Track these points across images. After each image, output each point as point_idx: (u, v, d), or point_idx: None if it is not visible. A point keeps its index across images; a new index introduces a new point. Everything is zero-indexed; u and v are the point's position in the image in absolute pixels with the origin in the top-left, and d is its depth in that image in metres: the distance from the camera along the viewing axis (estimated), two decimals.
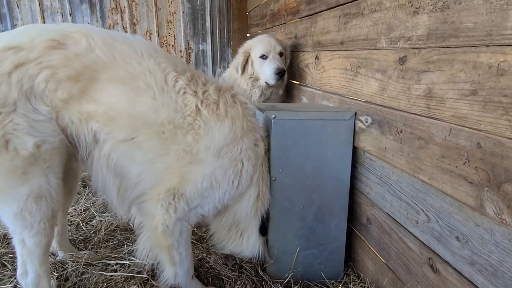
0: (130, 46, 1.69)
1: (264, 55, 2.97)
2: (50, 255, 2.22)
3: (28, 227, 1.61)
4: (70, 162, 1.84)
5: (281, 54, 2.99)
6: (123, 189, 1.81)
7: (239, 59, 3.09)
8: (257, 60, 3.00)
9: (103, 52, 1.62)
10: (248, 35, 5.11)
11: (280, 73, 2.83)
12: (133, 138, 1.70)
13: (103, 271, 2.11)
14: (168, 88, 1.70)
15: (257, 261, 2.19)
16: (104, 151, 1.71)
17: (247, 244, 2.09)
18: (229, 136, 1.77)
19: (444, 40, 1.35)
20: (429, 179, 1.47)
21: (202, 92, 1.75)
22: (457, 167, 1.31)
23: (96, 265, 2.18)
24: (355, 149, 2.05)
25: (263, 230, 2.09)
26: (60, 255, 2.32)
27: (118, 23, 4.83)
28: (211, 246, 2.37)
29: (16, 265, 1.96)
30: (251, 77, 3.05)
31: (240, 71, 3.07)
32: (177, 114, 1.71)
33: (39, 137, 1.57)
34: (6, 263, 2.21)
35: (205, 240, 2.45)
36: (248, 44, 3.16)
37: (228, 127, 1.76)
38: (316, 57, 2.58)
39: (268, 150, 1.98)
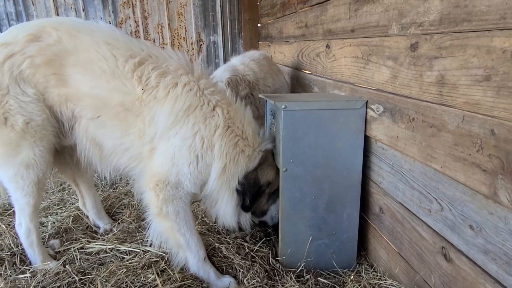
0: (90, 35, 1.94)
1: None
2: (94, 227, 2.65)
3: (20, 188, 2.00)
4: (60, 140, 2.12)
5: None
6: (103, 157, 2.10)
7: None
8: None
9: (68, 42, 1.91)
10: (259, 25, 5.07)
11: None
12: (98, 116, 1.97)
13: (120, 260, 2.17)
14: (119, 72, 1.89)
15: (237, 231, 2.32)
16: (82, 126, 2.03)
17: (222, 214, 2.14)
18: (170, 118, 1.89)
19: (457, 24, 1.32)
20: (441, 167, 1.45)
21: (146, 78, 1.90)
22: (470, 154, 1.29)
23: (114, 253, 2.25)
24: (366, 138, 2.03)
25: (244, 206, 2.13)
26: (101, 227, 2.60)
27: (130, 17, 4.87)
28: (222, 236, 2.41)
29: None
30: None
31: None
32: (127, 97, 1.91)
33: (27, 116, 1.92)
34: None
35: (216, 230, 2.49)
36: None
37: (168, 110, 1.89)
38: (327, 46, 2.55)
39: (230, 118, 1.99)
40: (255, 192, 2.12)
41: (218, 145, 1.95)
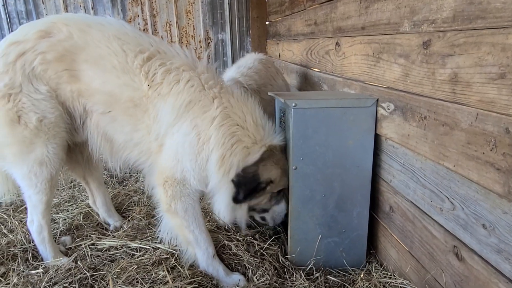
0: (101, 31, 1.92)
1: None
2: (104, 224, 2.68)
3: (33, 186, 2.02)
4: (72, 136, 2.14)
5: None
6: (114, 151, 2.13)
7: None
8: None
9: (79, 37, 1.92)
10: (267, 23, 5.06)
11: None
12: (109, 112, 1.99)
13: (131, 256, 2.20)
14: (129, 68, 1.89)
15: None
16: (93, 121, 2.05)
17: (217, 206, 2.06)
18: (172, 114, 1.90)
19: (471, 22, 1.30)
20: (454, 166, 1.44)
21: (152, 74, 1.90)
22: (483, 153, 1.28)
23: (124, 249, 2.27)
24: (377, 137, 2.02)
25: (234, 198, 2.01)
26: (111, 224, 2.63)
27: (138, 15, 4.89)
28: (231, 233, 2.41)
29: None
30: None
31: None
32: (135, 93, 1.93)
33: (40, 113, 1.93)
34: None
35: (225, 228, 2.50)
36: None
37: (170, 106, 1.90)
38: (337, 44, 2.54)
39: (230, 106, 1.96)
40: (252, 188, 2.00)
41: (213, 136, 1.89)
